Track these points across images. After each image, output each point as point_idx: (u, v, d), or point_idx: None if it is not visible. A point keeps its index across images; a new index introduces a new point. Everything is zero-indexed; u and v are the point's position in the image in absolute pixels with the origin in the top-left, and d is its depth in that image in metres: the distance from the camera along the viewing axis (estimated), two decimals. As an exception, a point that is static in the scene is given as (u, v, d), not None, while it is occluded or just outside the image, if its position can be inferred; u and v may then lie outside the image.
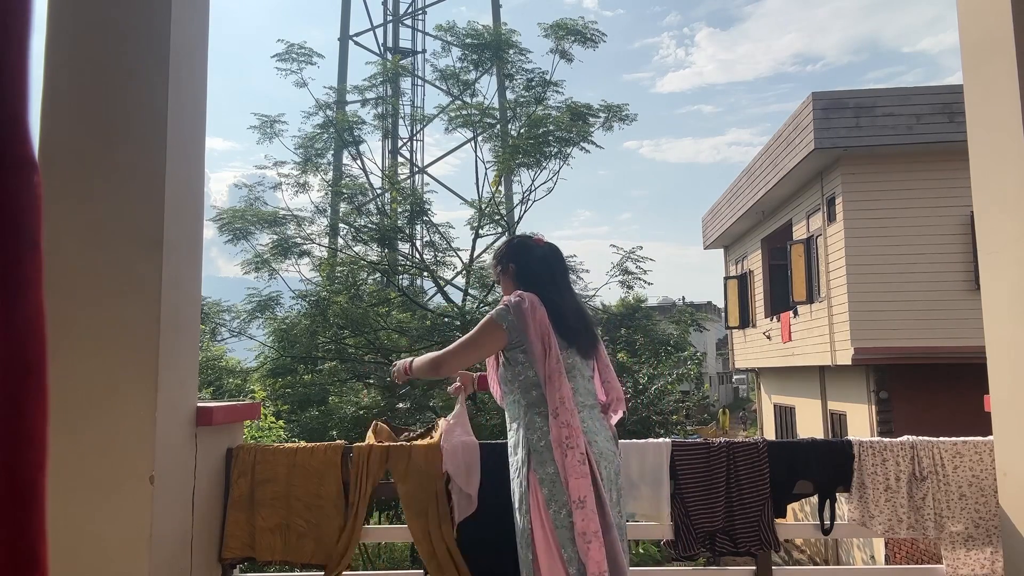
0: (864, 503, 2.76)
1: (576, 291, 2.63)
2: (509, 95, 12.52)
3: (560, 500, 2.21)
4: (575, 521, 2.16)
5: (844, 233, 10.74)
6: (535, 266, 2.53)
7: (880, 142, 10.48)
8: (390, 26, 20.46)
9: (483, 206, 12.17)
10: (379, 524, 8.74)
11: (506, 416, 2.47)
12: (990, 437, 2.72)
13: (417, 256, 12.81)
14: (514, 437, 2.37)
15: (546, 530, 2.22)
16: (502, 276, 2.61)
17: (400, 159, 17.00)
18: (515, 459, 2.36)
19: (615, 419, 2.56)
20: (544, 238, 2.66)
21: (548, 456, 2.24)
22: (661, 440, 2.89)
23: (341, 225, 12.44)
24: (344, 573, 2.68)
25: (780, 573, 2.91)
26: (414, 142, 18.79)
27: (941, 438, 2.81)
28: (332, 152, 12.37)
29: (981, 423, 2.86)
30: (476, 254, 12.45)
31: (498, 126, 12.35)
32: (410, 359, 2.62)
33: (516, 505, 2.34)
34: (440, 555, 2.65)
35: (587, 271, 12.79)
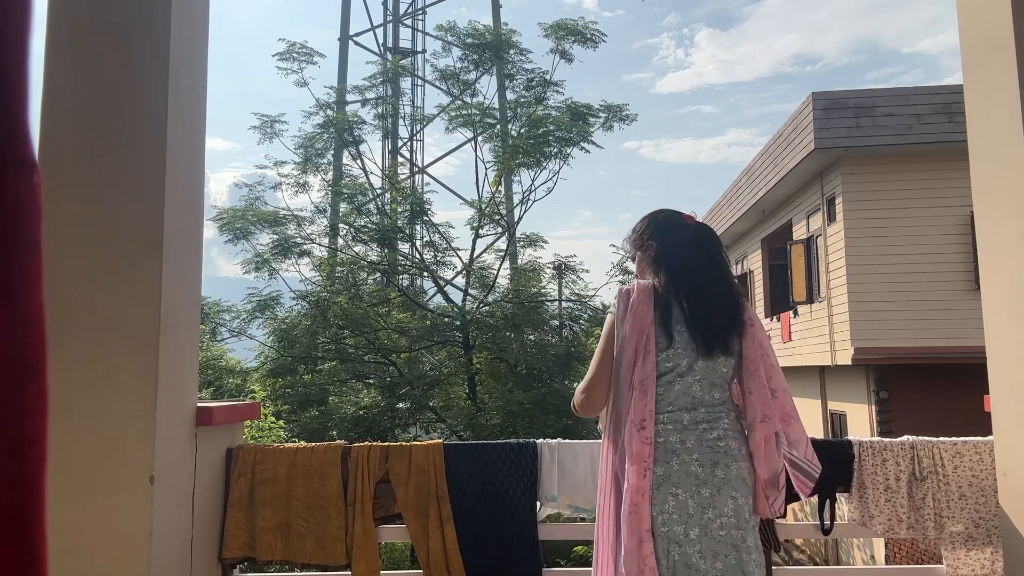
0: (864, 503, 2.76)
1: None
2: (509, 95, 12.54)
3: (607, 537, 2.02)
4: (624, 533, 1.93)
5: (844, 233, 10.74)
6: (683, 247, 2.17)
7: (880, 142, 10.47)
8: (390, 26, 20.46)
9: (483, 206, 12.18)
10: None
11: None
12: (990, 437, 2.71)
13: (417, 256, 12.81)
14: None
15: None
16: (640, 255, 2.25)
17: (400, 159, 17.01)
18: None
19: (759, 442, 2.06)
20: (696, 216, 2.27)
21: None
22: (661, 440, 2.88)
23: (341, 225, 12.45)
24: (343, 573, 2.68)
25: (780, 573, 2.91)
26: (414, 142, 18.79)
27: (941, 438, 2.81)
28: (332, 152, 12.38)
29: (981, 423, 2.86)
30: (476, 254, 12.47)
31: (498, 126, 12.36)
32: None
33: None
34: (440, 555, 2.65)
35: (587, 271, 12.80)
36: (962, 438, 2.80)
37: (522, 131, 11.77)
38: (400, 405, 11.22)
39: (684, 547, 1.91)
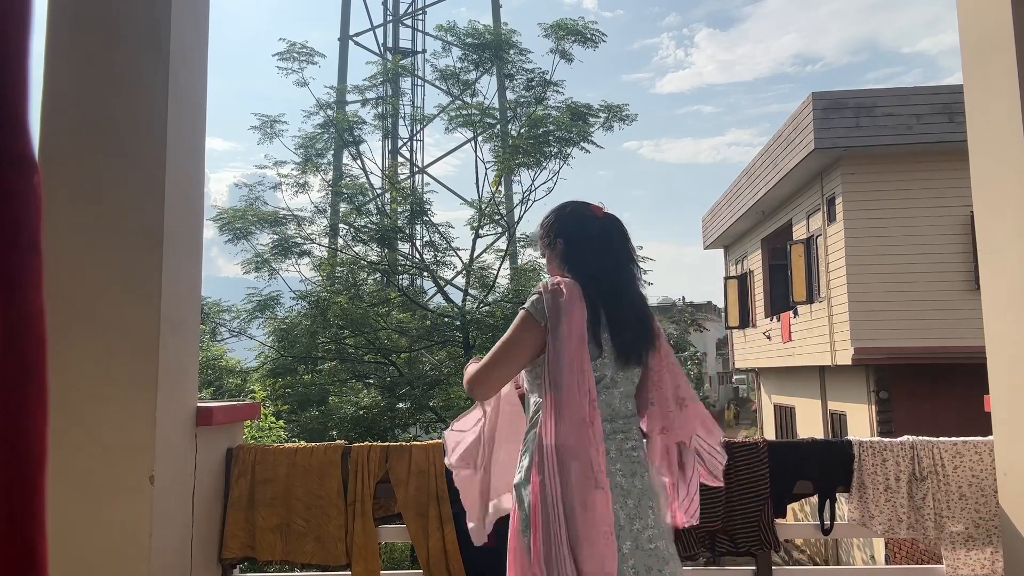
0: (864, 503, 2.76)
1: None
2: (509, 95, 12.54)
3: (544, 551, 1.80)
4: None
5: (844, 233, 10.74)
6: (588, 244, 2.05)
7: (880, 142, 10.48)
8: (390, 26, 20.46)
9: (483, 206, 12.18)
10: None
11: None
12: (990, 437, 2.72)
13: (417, 256, 12.82)
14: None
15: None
16: (548, 253, 2.14)
17: (400, 159, 17.01)
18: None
19: (660, 453, 2.04)
20: (604, 207, 2.14)
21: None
22: (661, 440, 2.88)
23: (341, 225, 12.45)
24: (343, 573, 2.68)
25: (780, 573, 2.91)
26: (414, 142, 18.79)
27: (941, 438, 2.81)
28: (332, 152, 12.39)
29: (981, 423, 2.86)
30: (476, 254, 12.47)
31: (498, 126, 12.36)
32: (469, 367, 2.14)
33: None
34: (440, 555, 2.65)
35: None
36: (962, 438, 2.80)
37: (522, 131, 11.77)
38: (400, 405, 11.22)
39: (621, 564, 1.83)
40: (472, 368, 2.06)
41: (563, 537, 1.78)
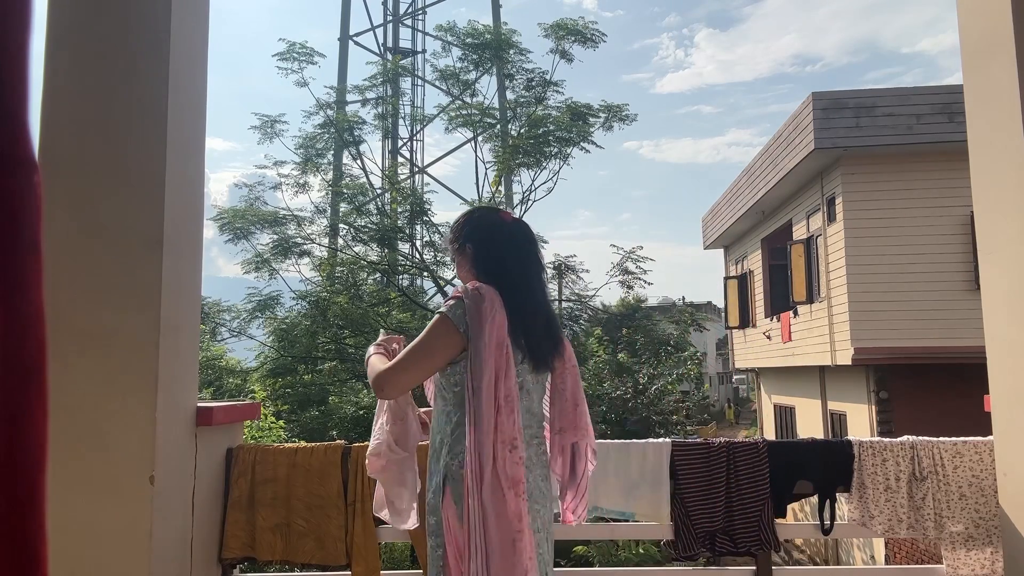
0: (864, 503, 2.76)
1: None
2: (509, 95, 12.54)
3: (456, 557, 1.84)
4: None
5: (844, 233, 10.74)
6: (500, 249, 2.05)
7: (880, 142, 10.47)
8: (390, 26, 20.45)
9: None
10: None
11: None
12: (990, 437, 2.72)
13: (417, 256, 12.81)
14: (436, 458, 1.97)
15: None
16: (458, 258, 2.12)
17: (400, 159, 17.00)
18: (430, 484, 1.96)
19: (559, 454, 2.10)
20: (512, 213, 2.20)
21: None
22: (661, 440, 2.89)
23: (341, 225, 12.45)
24: (343, 573, 2.68)
25: (780, 573, 2.91)
26: (414, 142, 18.79)
27: (941, 438, 2.81)
28: (332, 152, 12.39)
29: (981, 423, 2.86)
30: (476, 254, 12.44)
31: (498, 126, 12.36)
32: (371, 354, 2.12)
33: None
34: (440, 555, 2.65)
35: (587, 271, 12.81)
36: (962, 438, 2.80)
37: (522, 131, 11.77)
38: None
39: (546, 566, 1.92)
40: (379, 366, 1.99)
41: (481, 565, 1.76)
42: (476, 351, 1.87)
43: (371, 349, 2.16)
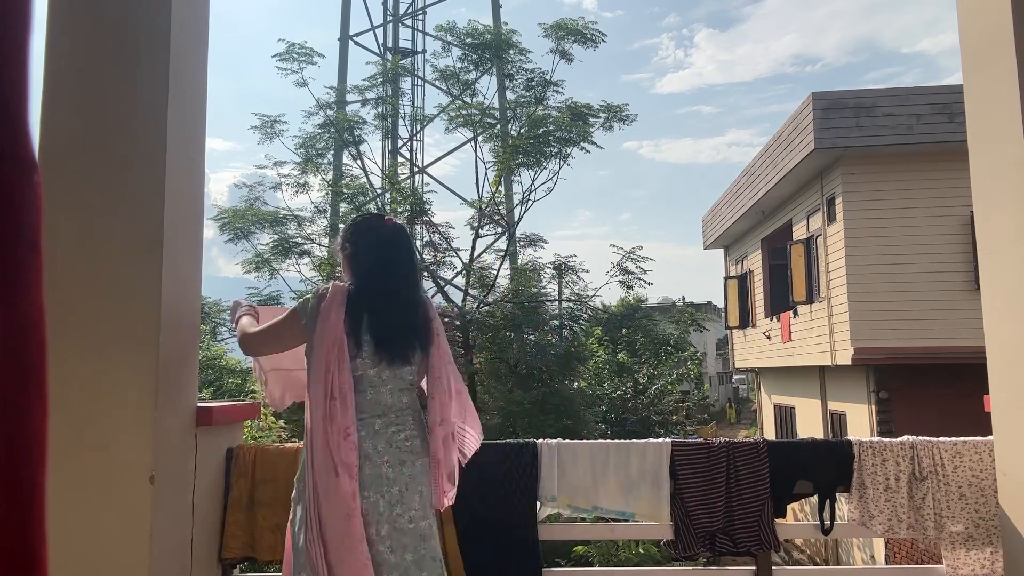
0: (864, 503, 2.76)
1: (418, 285, 2.35)
2: (509, 95, 12.53)
3: (303, 522, 2.07)
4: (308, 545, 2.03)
5: (844, 233, 10.74)
6: (369, 252, 2.27)
7: (880, 142, 10.48)
8: (390, 26, 20.44)
9: (483, 206, 12.18)
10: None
11: None
12: (990, 437, 2.72)
13: (417, 256, 12.79)
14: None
15: (288, 551, 2.15)
16: (342, 259, 2.37)
17: (400, 159, 16.99)
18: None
19: (439, 443, 2.19)
20: (395, 219, 2.39)
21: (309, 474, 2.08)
22: (661, 440, 2.89)
23: (341, 225, 12.44)
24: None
25: (780, 573, 2.91)
26: (414, 142, 18.77)
27: (941, 438, 2.81)
28: (332, 152, 12.38)
29: (981, 423, 2.86)
30: (476, 254, 12.46)
31: (498, 126, 12.35)
32: (242, 313, 2.51)
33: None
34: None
35: (587, 271, 12.78)
36: (962, 438, 2.80)
37: (522, 131, 11.76)
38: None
39: (377, 546, 2.05)
40: (247, 329, 2.38)
41: (316, 536, 2.03)
42: (311, 346, 2.15)
43: (243, 308, 2.54)
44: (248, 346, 2.39)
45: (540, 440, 2.86)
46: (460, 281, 12.70)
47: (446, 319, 12.20)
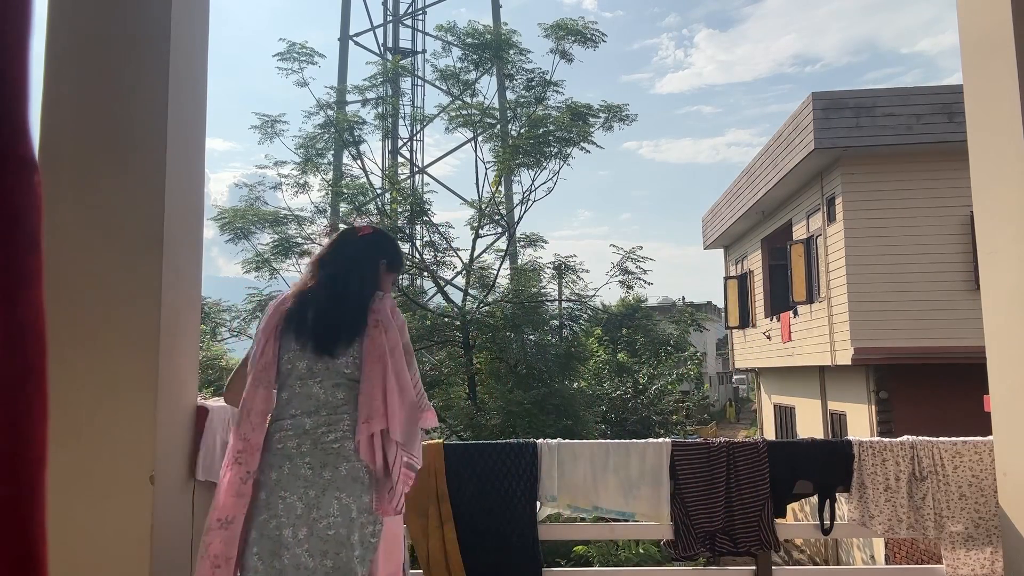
0: (864, 503, 2.76)
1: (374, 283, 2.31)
2: (509, 95, 12.53)
3: (209, 522, 2.08)
4: (211, 541, 2.03)
5: (844, 233, 10.74)
6: (326, 255, 2.37)
7: (880, 142, 10.47)
8: (390, 26, 20.45)
9: (483, 206, 12.18)
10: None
11: None
12: (990, 437, 2.72)
13: (417, 256, 12.79)
14: None
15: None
16: None
17: (400, 159, 17.00)
18: None
19: (364, 443, 2.08)
20: (369, 227, 2.47)
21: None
22: (661, 440, 2.89)
23: (341, 225, 12.44)
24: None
25: (780, 573, 2.91)
26: (414, 142, 18.78)
27: (941, 438, 2.81)
28: (332, 152, 12.37)
29: (981, 423, 2.86)
30: (476, 254, 12.46)
31: (498, 126, 12.35)
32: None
33: None
34: (440, 555, 2.65)
35: (587, 271, 12.77)
36: (962, 438, 2.80)
37: (522, 131, 11.75)
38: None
39: (293, 548, 1.99)
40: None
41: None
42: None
43: None
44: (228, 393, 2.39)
45: (540, 440, 2.86)
46: (460, 281, 12.71)
47: (445, 319, 12.20)
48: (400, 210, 12.59)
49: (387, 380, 2.11)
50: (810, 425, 13.06)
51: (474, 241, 12.32)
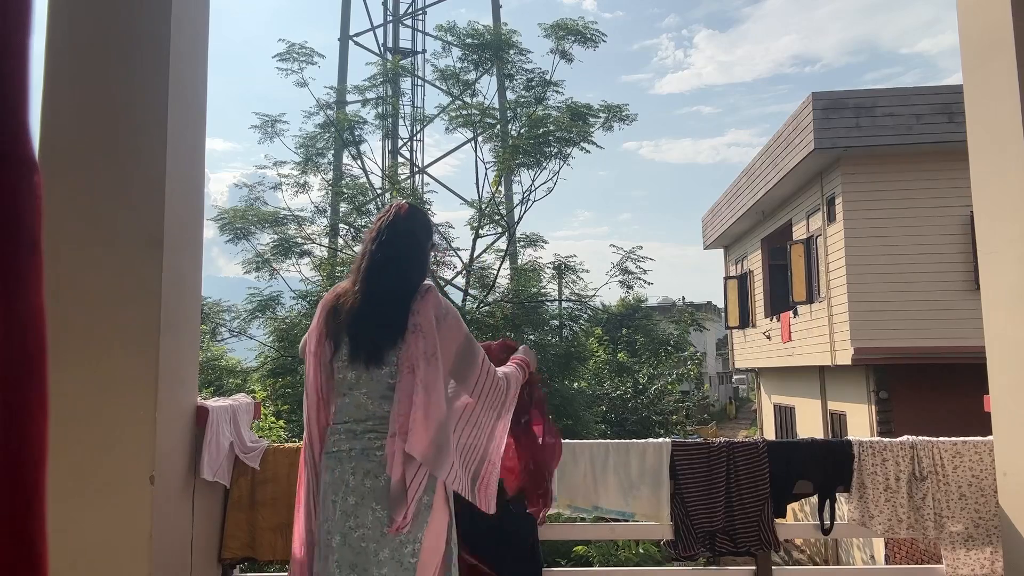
0: (864, 503, 2.76)
1: (396, 277, 2.10)
2: (509, 95, 12.52)
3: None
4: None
5: (844, 233, 10.74)
6: (370, 242, 2.17)
7: (880, 142, 10.47)
8: (390, 26, 20.43)
9: (483, 206, 12.17)
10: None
11: None
12: (990, 437, 2.72)
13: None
14: None
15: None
16: None
17: (400, 159, 16.99)
18: None
19: (391, 458, 1.92)
20: (407, 205, 2.25)
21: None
22: (661, 440, 2.89)
23: (341, 225, 12.44)
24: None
25: (780, 573, 2.91)
26: (414, 142, 18.76)
27: (941, 438, 2.81)
28: (332, 152, 12.37)
29: (981, 423, 2.86)
30: (476, 254, 12.46)
31: (498, 126, 12.35)
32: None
33: None
34: (440, 555, 2.65)
35: (587, 271, 12.76)
36: (962, 438, 2.80)
37: (522, 131, 11.75)
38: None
39: (331, 556, 1.96)
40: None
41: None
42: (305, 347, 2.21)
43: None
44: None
45: (540, 440, 2.85)
46: (460, 281, 12.70)
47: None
48: (400, 210, 12.56)
49: (415, 394, 1.95)
50: (810, 425, 13.06)
51: (474, 241, 12.32)
